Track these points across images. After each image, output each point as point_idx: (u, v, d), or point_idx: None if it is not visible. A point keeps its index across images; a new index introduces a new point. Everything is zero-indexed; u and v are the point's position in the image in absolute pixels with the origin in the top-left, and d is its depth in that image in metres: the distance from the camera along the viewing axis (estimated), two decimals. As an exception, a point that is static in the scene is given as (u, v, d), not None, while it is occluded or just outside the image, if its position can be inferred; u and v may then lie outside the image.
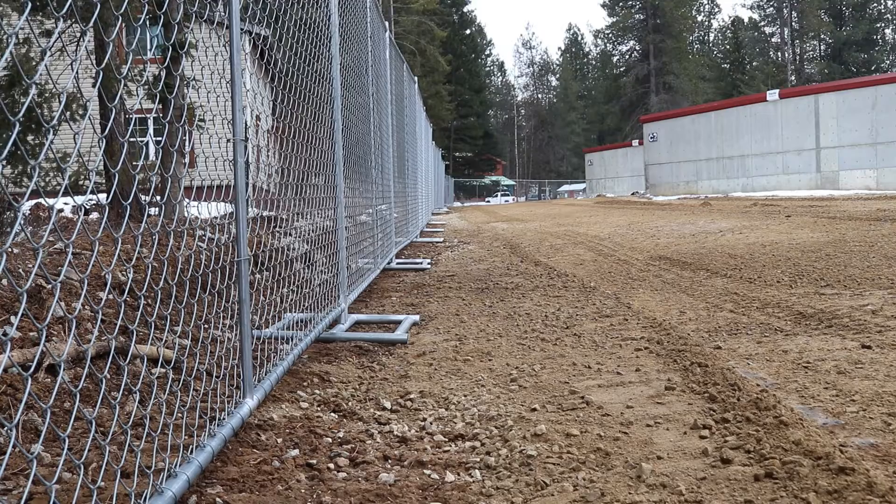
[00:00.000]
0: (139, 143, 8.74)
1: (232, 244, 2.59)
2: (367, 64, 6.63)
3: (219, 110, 2.49)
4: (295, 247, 4.44)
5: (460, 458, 2.26)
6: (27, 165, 8.24)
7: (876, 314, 3.85)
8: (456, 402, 2.85)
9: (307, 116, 3.81)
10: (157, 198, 5.77)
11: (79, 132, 1.52)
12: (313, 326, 3.69)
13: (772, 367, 3.07)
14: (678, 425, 2.41)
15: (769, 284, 5.09)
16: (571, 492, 1.94)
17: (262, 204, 3.82)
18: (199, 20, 2.79)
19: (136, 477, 1.86)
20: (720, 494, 1.87)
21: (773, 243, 7.42)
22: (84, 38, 1.53)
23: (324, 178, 4.35)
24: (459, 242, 11.77)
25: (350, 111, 5.36)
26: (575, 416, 2.58)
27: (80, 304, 3.35)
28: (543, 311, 4.79)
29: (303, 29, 3.74)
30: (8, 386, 2.55)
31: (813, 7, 60.83)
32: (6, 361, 2.37)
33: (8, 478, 2.03)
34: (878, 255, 5.91)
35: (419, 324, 4.63)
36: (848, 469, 1.87)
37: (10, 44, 1.25)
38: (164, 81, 2.82)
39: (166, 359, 3.00)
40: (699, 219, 11.31)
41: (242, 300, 2.45)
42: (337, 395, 3.02)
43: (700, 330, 3.89)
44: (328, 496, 1.98)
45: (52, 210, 2.09)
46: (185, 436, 2.09)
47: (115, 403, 2.10)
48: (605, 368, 3.23)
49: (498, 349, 3.76)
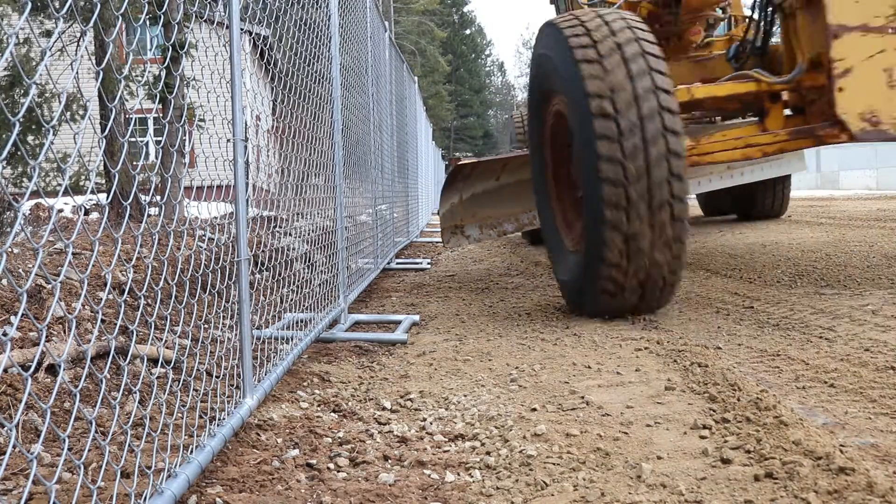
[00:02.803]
0: (139, 143, 8.73)
1: (232, 244, 2.60)
2: (367, 64, 6.63)
3: (219, 110, 2.49)
4: (295, 247, 4.44)
5: (460, 458, 2.26)
6: (27, 166, 8.24)
7: (876, 314, 3.85)
8: (456, 402, 2.85)
9: (307, 116, 3.81)
10: (157, 198, 5.77)
11: (79, 132, 1.52)
12: (313, 326, 3.69)
13: (772, 367, 3.07)
14: (678, 425, 2.41)
15: (769, 284, 5.09)
16: (571, 492, 1.94)
17: (262, 204, 3.82)
18: (199, 20, 2.79)
19: (136, 477, 1.86)
20: (720, 494, 1.87)
21: (773, 243, 7.42)
22: (84, 39, 1.53)
23: (324, 178, 4.35)
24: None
25: (350, 111, 5.36)
26: (575, 416, 2.58)
27: (80, 304, 3.35)
28: (543, 311, 4.79)
29: (303, 29, 3.74)
30: (8, 386, 2.55)
31: (813, 7, 60.90)
32: (6, 361, 2.37)
33: (8, 478, 2.03)
34: (878, 255, 5.91)
35: (419, 324, 4.63)
36: (848, 469, 1.87)
37: (10, 44, 1.26)
38: (164, 81, 2.82)
39: (166, 359, 3.00)
40: (698, 218, 11.32)
41: (242, 300, 2.45)
42: (337, 395, 3.02)
43: (700, 330, 3.89)
44: (328, 496, 1.98)
45: (52, 210, 2.09)
46: (185, 436, 2.09)
47: (115, 403, 2.10)
48: (604, 368, 3.23)
49: (498, 349, 3.76)
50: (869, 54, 3.98)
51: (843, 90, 4.00)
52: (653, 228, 3.90)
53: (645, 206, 3.87)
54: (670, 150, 3.87)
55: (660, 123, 3.87)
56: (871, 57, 3.98)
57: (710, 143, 4.41)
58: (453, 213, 6.68)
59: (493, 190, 6.77)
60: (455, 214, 6.68)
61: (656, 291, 4.13)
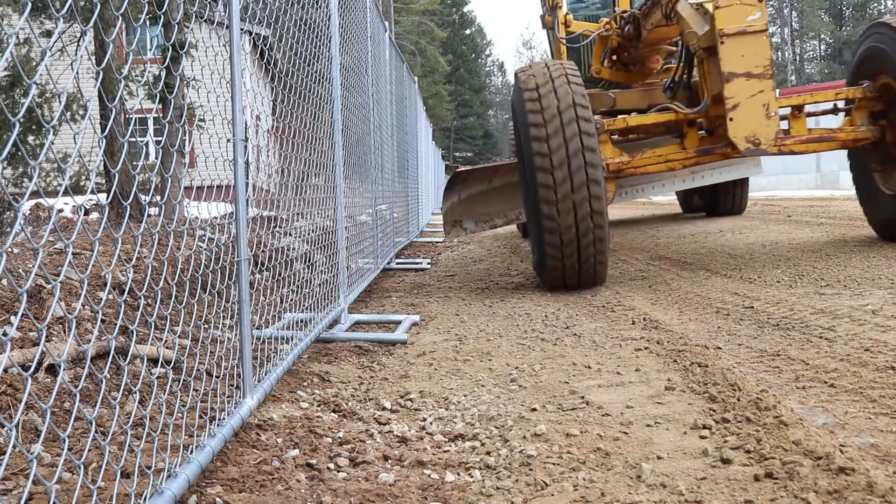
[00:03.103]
0: (139, 143, 8.73)
1: (232, 244, 2.60)
2: (367, 64, 6.63)
3: (219, 110, 2.49)
4: (295, 247, 4.44)
5: (460, 458, 2.26)
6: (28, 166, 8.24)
7: (876, 314, 3.85)
8: (456, 401, 2.85)
9: (307, 116, 3.81)
10: (157, 198, 5.77)
11: (79, 132, 1.52)
12: (313, 326, 3.69)
13: (772, 367, 3.07)
14: (678, 425, 2.41)
15: (769, 284, 5.09)
16: (571, 492, 1.94)
17: (262, 204, 3.82)
18: (199, 20, 2.79)
19: (136, 477, 1.86)
20: (720, 494, 1.87)
21: (773, 243, 7.42)
22: (84, 39, 1.53)
23: (324, 178, 4.35)
24: (459, 242, 11.77)
25: (350, 111, 5.36)
26: (575, 416, 2.58)
27: (80, 304, 3.35)
28: (543, 311, 4.79)
29: (303, 29, 3.74)
30: (8, 386, 2.55)
31: (813, 7, 60.83)
32: (6, 361, 2.37)
33: (8, 478, 2.03)
34: (878, 255, 5.91)
35: (419, 324, 4.63)
36: (848, 469, 1.87)
37: (10, 44, 1.25)
38: (164, 81, 2.82)
39: (166, 359, 3.00)
40: (699, 218, 11.31)
41: (242, 300, 2.45)
42: (337, 395, 3.02)
43: (700, 330, 3.89)
44: (328, 496, 1.98)
45: (52, 210, 2.09)
46: (185, 436, 2.09)
47: (115, 403, 2.10)
48: (604, 368, 3.23)
49: (498, 349, 3.76)
50: (751, 94, 5.37)
51: (734, 119, 5.36)
52: (578, 229, 5.22)
53: (572, 216, 5.19)
54: (590, 178, 5.18)
55: (583, 170, 5.17)
56: (753, 96, 5.36)
57: (640, 159, 5.88)
58: (453, 211, 8.09)
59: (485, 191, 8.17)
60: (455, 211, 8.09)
61: (590, 270, 5.45)
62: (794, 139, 5.89)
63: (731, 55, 5.35)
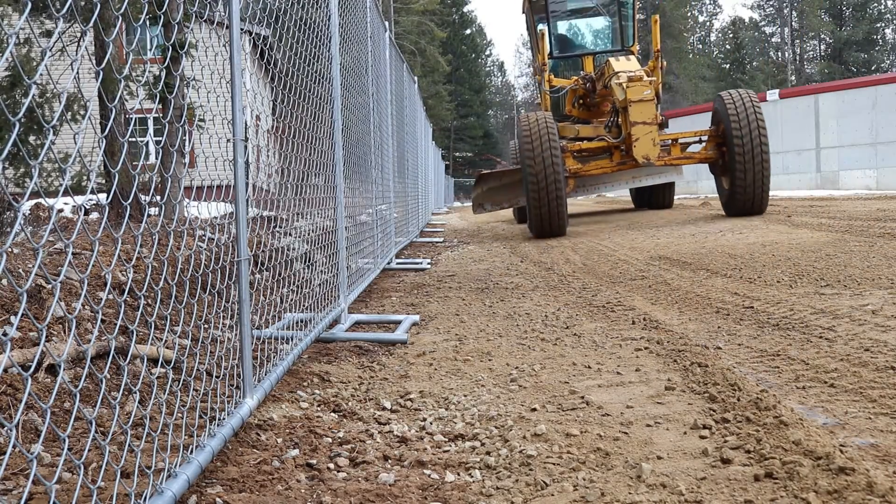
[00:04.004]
0: (139, 143, 8.73)
1: (232, 244, 2.60)
2: (367, 64, 6.63)
3: (219, 110, 2.49)
4: (295, 247, 4.44)
5: (460, 458, 2.26)
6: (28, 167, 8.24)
7: (876, 314, 3.85)
8: (456, 402, 2.85)
9: (307, 116, 3.81)
10: (157, 198, 5.77)
11: (79, 132, 1.52)
12: (313, 326, 3.69)
13: (772, 367, 3.07)
14: (678, 425, 2.42)
15: (769, 284, 5.09)
16: (571, 492, 1.94)
17: (262, 204, 3.82)
18: (199, 20, 2.79)
19: (136, 477, 1.86)
20: (720, 494, 1.87)
21: (773, 243, 7.42)
22: (84, 39, 1.53)
23: (324, 178, 4.35)
24: (459, 242, 11.77)
25: (350, 111, 5.36)
26: (575, 416, 2.58)
27: (80, 304, 3.35)
28: (543, 311, 4.79)
29: (303, 29, 3.74)
30: (8, 386, 2.55)
31: (813, 7, 60.80)
32: (6, 361, 2.37)
33: (8, 478, 2.03)
34: (878, 255, 5.91)
35: (419, 324, 4.63)
36: (848, 469, 1.87)
37: (10, 44, 1.26)
38: (164, 81, 2.82)
39: (166, 359, 3.00)
40: (699, 218, 11.32)
41: (242, 300, 2.45)
42: (337, 395, 3.02)
43: (700, 330, 3.89)
44: (328, 496, 1.98)
45: (52, 210, 2.09)
46: (185, 436, 2.09)
47: (115, 403, 2.10)
48: (605, 368, 3.24)
49: (498, 349, 3.76)
50: (646, 133, 10.04)
51: (636, 146, 10.07)
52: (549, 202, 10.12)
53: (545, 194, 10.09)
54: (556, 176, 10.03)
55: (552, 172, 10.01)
56: (646, 134, 10.03)
57: (587, 167, 11.02)
58: (479, 197, 13.59)
59: (497, 186, 13.54)
60: (480, 198, 13.59)
61: (556, 225, 10.37)
62: (670, 157, 10.77)
63: (635, 112, 10.00)
